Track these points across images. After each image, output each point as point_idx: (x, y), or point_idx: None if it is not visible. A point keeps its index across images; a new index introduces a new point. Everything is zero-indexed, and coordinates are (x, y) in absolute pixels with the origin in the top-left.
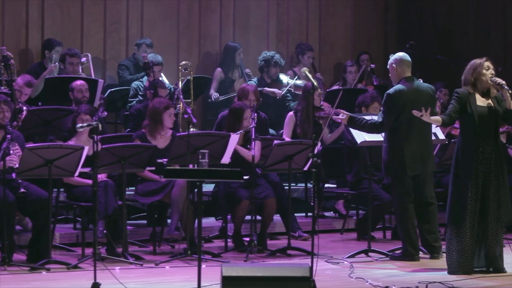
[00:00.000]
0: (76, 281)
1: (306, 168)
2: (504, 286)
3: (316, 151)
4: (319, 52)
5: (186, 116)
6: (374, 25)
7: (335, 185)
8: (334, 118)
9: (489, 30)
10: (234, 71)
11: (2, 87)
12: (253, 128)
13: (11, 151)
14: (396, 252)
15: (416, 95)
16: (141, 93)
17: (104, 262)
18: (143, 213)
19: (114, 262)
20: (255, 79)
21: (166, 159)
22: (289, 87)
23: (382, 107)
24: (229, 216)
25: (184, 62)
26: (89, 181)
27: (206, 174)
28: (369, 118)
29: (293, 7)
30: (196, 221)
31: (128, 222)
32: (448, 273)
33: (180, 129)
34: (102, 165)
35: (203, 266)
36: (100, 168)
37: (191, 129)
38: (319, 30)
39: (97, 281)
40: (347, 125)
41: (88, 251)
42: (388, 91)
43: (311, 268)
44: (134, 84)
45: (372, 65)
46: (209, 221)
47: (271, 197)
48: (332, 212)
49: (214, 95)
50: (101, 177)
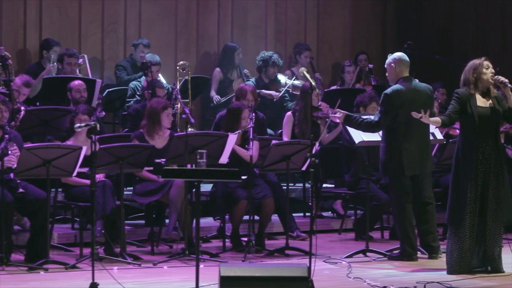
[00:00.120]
0: (74, 281)
1: (304, 168)
2: (502, 286)
3: (314, 151)
4: (317, 52)
5: (184, 116)
6: (372, 25)
7: (333, 185)
8: (332, 117)
9: (487, 30)
10: (233, 71)
11: (0, 87)
12: (251, 128)
13: (9, 151)
14: (394, 252)
15: (414, 95)
16: (138, 93)
17: (102, 262)
18: (141, 213)
19: (112, 262)
20: (253, 79)
21: (164, 159)
22: (287, 87)
23: (379, 107)
24: (227, 216)
25: (182, 62)
26: (87, 181)
27: (204, 174)
28: (366, 117)
29: (291, 7)
30: (194, 221)
31: (126, 222)
32: (447, 273)
33: (178, 129)
34: (100, 165)
35: (201, 266)
36: (98, 168)
37: (189, 129)
38: (317, 30)
39: (95, 281)
40: (343, 123)
41: (86, 251)
42: (385, 91)
43: (309, 268)
44: (132, 84)
45: (370, 65)
46: (207, 221)
47: (269, 197)
48: (330, 212)
49: (216, 98)
50: (99, 177)
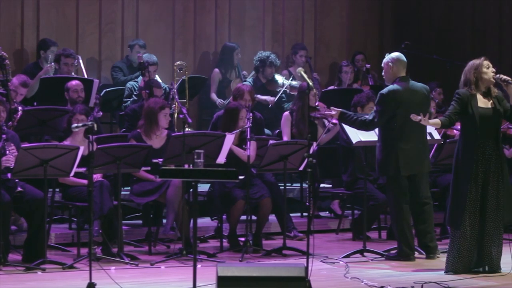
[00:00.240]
0: (71, 281)
1: (301, 168)
2: (500, 286)
3: (311, 151)
4: (315, 52)
5: (181, 116)
6: (370, 25)
7: (330, 185)
8: (329, 117)
9: (485, 30)
10: (232, 71)
11: None
12: (249, 128)
13: (7, 151)
14: (392, 252)
15: (410, 95)
16: (135, 93)
17: (99, 262)
18: (138, 213)
19: (109, 262)
20: (251, 79)
21: (161, 159)
22: (284, 88)
23: (375, 106)
24: (224, 216)
25: (179, 62)
26: (85, 181)
27: (201, 174)
28: (361, 115)
29: (289, 7)
30: (192, 221)
31: (123, 222)
32: (445, 272)
33: (176, 129)
34: (98, 165)
35: (199, 266)
36: (95, 168)
37: (187, 129)
38: (314, 30)
39: (93, 281)
40: (338, 120)
41: (84, 251)
42: (381, 91)
43: (306, 268)
44: (129, 84)
45: (368, 65)
46: (204, 221)
47: (267, 197)
48: (327, 212)
49: (219, 102)
50: (97, 177)
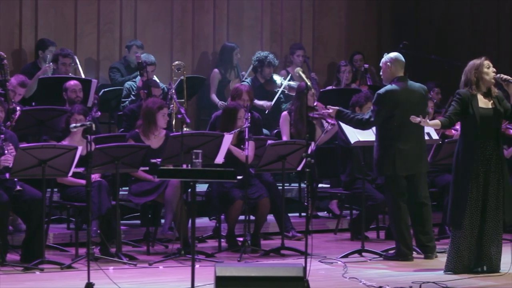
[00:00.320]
0: (69, 281)
1: (299, 168)
2: (498, 285)
3: (309, 151)
4: (313, 52)
5: (179, 116)
6: (368, 25)
7: (328, 185)
8: (324, 114)
9: (483, 30)
10: (231, 71)
11: None
12: (247, 128)
13: (5, 151)
14: (390, 252)
15: (408, 95)
16: (134, 93)
17: (97, 262)
18: (136, 213)
19: (107, 262)
20: (249, 79)
21: (159, 159)
22: (282, 88)
23: (372, 106)
24: (222, 216)
25: (177, 62)
26: (83, 181)
27: (199, 174)
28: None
29: (287, 7)
30: (190, 221)
31: (121, 222)
32: (444, 272)
33: (174, 129)
34: (96, 165)
35: (197, 266)
36: (93, 168)
37: (185, 129)
38: (313, 30)
39: (91, 281)
40: (335, 118)
41: (82, 251)
42: (378, 91)
43: (304, 268)
44: (127, 84)
45: (366, 65)
46: (202, 221)
47: (265, 197)
48: (325, 212)
49: (220, 104)
50: (95, 177)
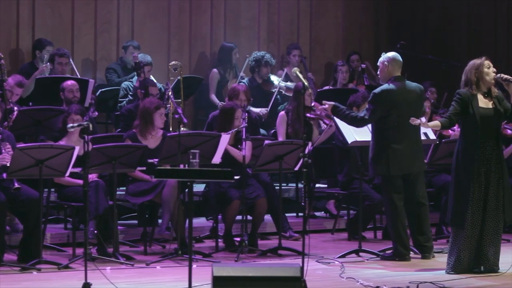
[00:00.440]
0: (67, 281)
1: (297, 168)
2: (496, 285)
3: (307, 151)
4: (310, 52)
5: (176, 116)
6: (365, 25)
7: (326, 185)
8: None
9: (480, 30)
10: (230, 71)
11: None
12: (244, 128)
13: (2, 150)
14: (387, 252)
15: (404, 95)
16: (131, 93)
17: (95, 262)
18: (134, 213)
19: (105, 262)
20: (246, 80)
21: (157, 159)
22: (279, 89)
23: (367, 105)
24: (220, 216)
25: (173, 62)
26: (80, 181)
27: (197, 174)
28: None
29: (284, 7)
30: (187, 221)
31: (119, 222)
32: (446, 272)
33: (171, 129)
34: (93, 165)
35: (194, 266)
36: (91, 168)
37: (182, 129)
38: (310, 30)
39: (88, 281)
40: (331, 113)
41: (79, 251)
42: (374, 91)
43: (302, 268)
44: (124, 84)
45: (363, 65)
46: (200, 221)
47: (262, 197)
48: (323, 212)
49: (220, 105)
50: (92, 177)
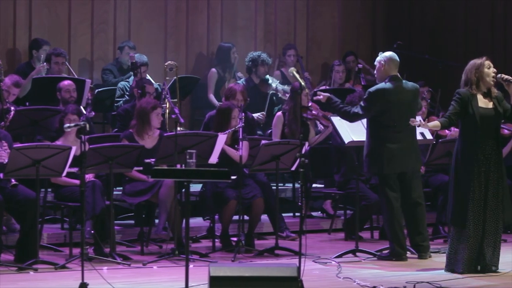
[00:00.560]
0: (63, 281)
1: (293, 168)
2: (493, 285)
3: (303, 151)
4: (307, 52)
5: (173, 116)
6: (362, 25)
7: (322, 185)
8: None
9: (477, 30)
10: (229, 71)
11: None
12: (241, 128)
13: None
14: (384, 252)
15: (400, 94)
16: (127, 93)
17: (91, 262)
18: (130, 213)
19: (101, 262)
20: (243, 80)
21: (153, 159)
22: (273, 90)
23: (361, 102)
24: (216, 216)
25: (169, 62)
26: (77, 181)
27: (193, 174)
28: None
29: (281, 7)
30: (184, 221)
31: (115, 222)
32: (445, 271)
33: (168, 129)
34: (90, 165)
35: (191, 266)
36: (87, 168)
37: (179, 129)
38: (306, 30)
39: (85, 281)
40: (326, 103)
41: (76, 251)
42: (369, 89)
43: (298, 268)
44: (121, 84)
45: (360, 65)
46: (196, 221)
47: (259, 197)
48: (319, 212)
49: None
50: (89, 177)
